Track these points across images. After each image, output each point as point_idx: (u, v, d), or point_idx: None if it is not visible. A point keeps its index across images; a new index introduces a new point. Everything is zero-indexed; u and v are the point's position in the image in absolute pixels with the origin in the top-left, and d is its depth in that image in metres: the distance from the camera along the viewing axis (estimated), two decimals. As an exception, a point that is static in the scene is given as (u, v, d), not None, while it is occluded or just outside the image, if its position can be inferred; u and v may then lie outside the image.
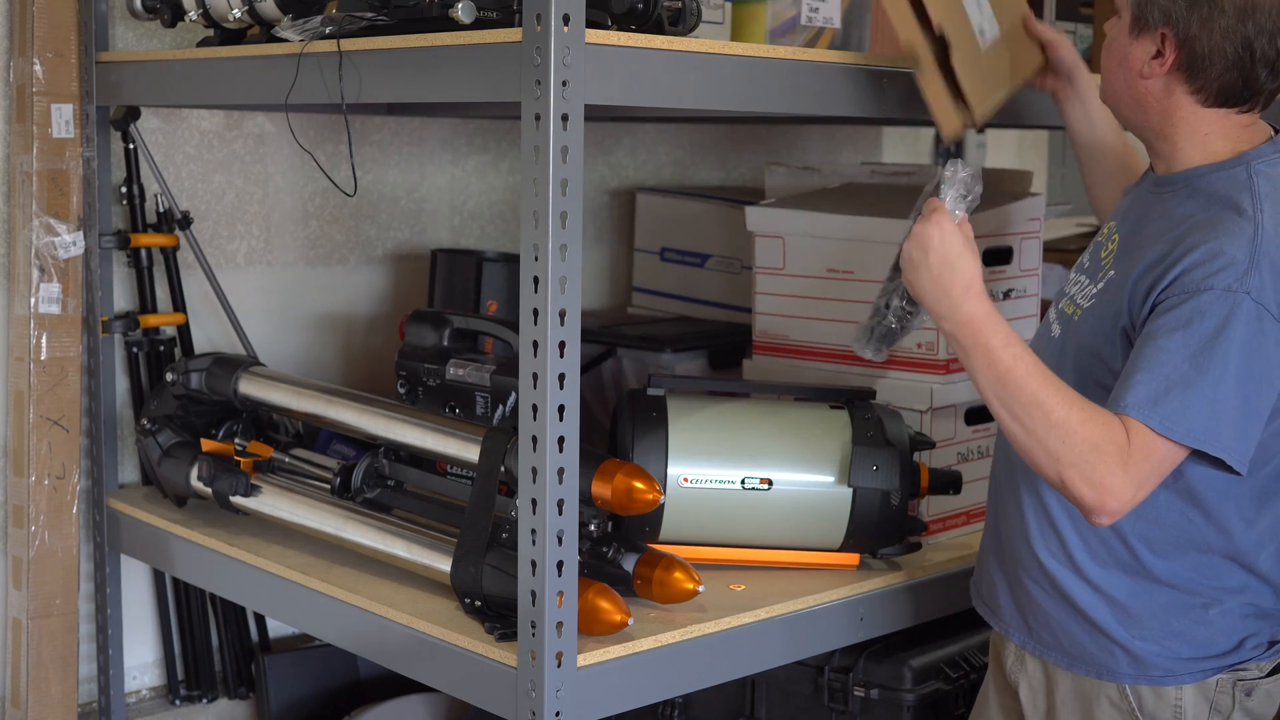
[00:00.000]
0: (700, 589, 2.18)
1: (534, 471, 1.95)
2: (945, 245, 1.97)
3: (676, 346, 2.99)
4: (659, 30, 2.16)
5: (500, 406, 2.36)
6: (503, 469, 2.18)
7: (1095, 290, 2.04)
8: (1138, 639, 2.02)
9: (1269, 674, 2.05)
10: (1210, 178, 1.98)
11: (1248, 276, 1.84)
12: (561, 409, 1.93)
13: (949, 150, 4.29)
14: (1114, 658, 2.03)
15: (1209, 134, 1.99)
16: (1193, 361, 1.82)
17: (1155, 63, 1.97)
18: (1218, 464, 1.87)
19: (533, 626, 1.98)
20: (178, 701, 3.06)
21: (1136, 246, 1.99)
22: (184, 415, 2.74)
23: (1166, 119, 2.00)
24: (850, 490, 2.36)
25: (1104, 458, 1.83)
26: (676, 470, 2.35)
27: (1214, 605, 2.01)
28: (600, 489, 2.11)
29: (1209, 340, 1.83)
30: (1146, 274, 1.92)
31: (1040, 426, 1.86)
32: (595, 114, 2.93)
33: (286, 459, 2.64)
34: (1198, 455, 1.87)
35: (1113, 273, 2.02)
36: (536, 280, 1.91)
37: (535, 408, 1.94)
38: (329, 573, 2.41)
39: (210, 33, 2.54)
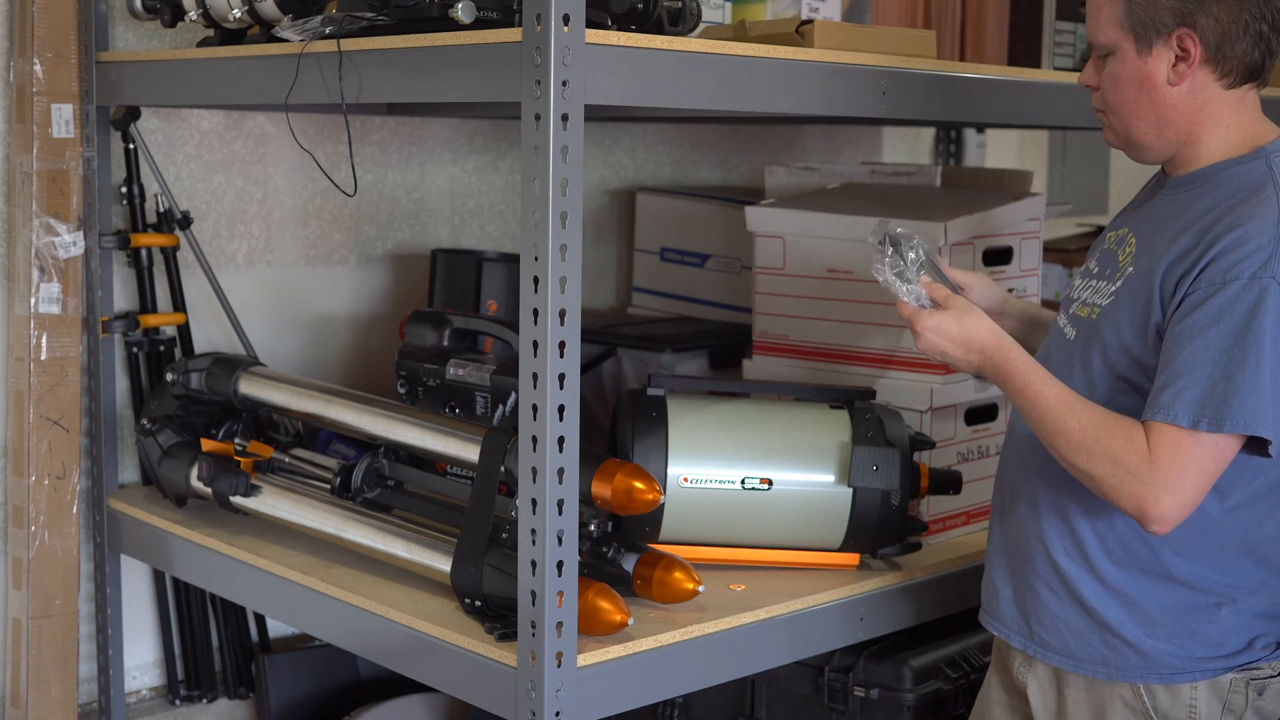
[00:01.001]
0: (700, 589, 2.18)
1: (534, 471, 1.95)
2: (944, 337, 2.09)
3: (676, 346, 2.99)
4: (659, 30, 2.16)
5: (500, 406, 2.36)
6: (503, 469, 2.18)
7: (1114, 289, 2.04)
8: (1150, 638, 2.02)
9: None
10: (1230, 172, 1.99)
11: (1272, 262, 1.86)
12: (561, 409, 1.93)
13: (946, 151, 4.29)
14: (1125, 658, 2.03)
15: (1230, 124, 2.00)
16: (1229, 355, 1.85)
17: (1181, 67, 1.97)
18: (1247, 449, 1.90)
19: (533, 626, 1.98)
20: (178, 701, 3.06)
21: (1158, 243, 1.99)
22: (184, 415, 2.74)
23: (1194, 118, 2.00)
24: (850, 490, 2.36)
25: (1126, 470, 1.88)
26: (676, 470, 2.35)
27: (1227, 604, 2.01)
28: (600, 489, 2.11)
29: (1240, 331, 1.85)
30: (1175, 266, 1.93)
31: (1067, 451, 1.94)
32: (595, 114, 2.93)
33: (286, 459, 2.64)
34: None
35: (1131, 269, 2.02)
36: (536, 280, 1.91)
37: (535, 408, 1.94)
38: (329, 573, 2.41)
39: (210, 33, 2.54)
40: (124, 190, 2.92)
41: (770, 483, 2.36)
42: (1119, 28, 1.98)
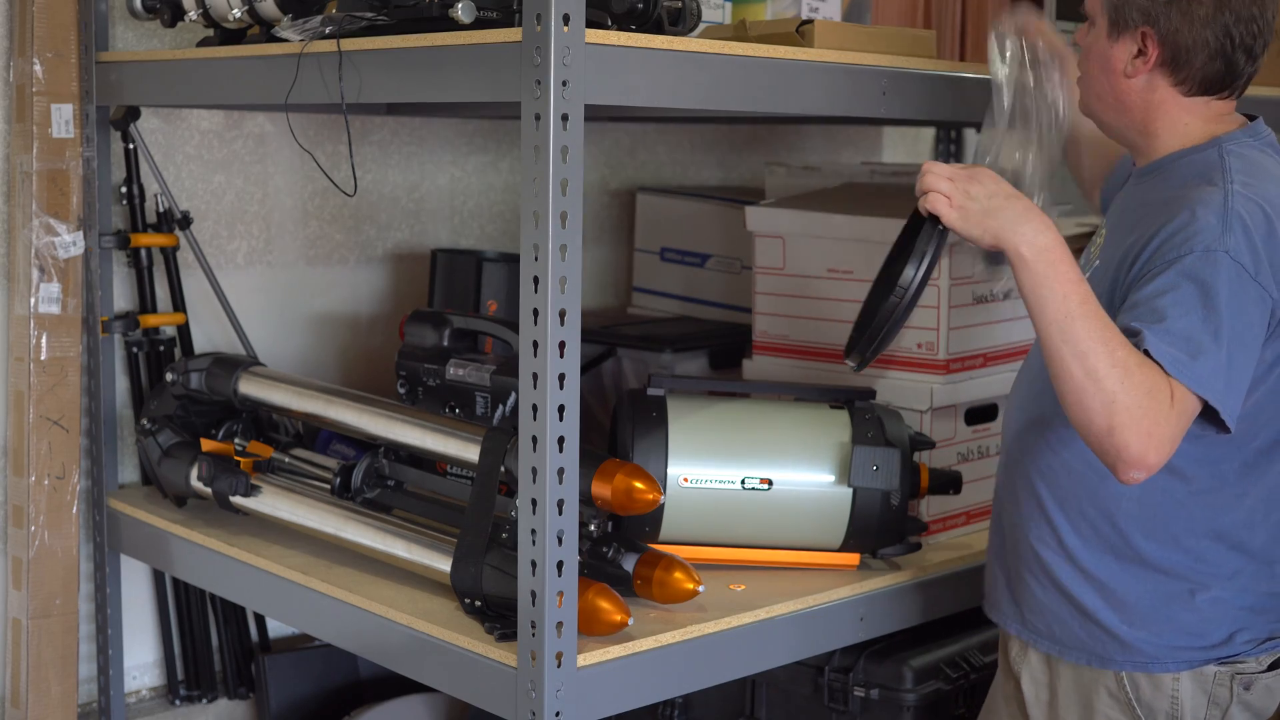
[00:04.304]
0: (700, 589, 2.18)
1: (534, 471, 1.95)
2: (1008, 186, 1.94)
3: (676, 346, 2.99)
4: (659, 30, 2.16)
5: (500, 406, 2.36)
6: (503, 469, 2.18)
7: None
8: (1126, 624, 2.04)
9: (1268, 669, 2.07)
10: (1184, 160, 2.03)
11: (1225, 236, 1.87)
12: (561, 409, 1.93)
13: (946, 151, 4.29)
14: (1105, 645, 2.06)
15: (1189, 122, 2.04)
16: (1188, 318, 1.83)
17: (1138, 61, 2.01)
18: (1206, 424, 1.89)
19: (533, 626, 1.98)
20: (178, 701, 3.06)
21: (1121, 235, 2.04)
22: (184, 415, 2.74)
23: (1149, 114, 2.05)
24: (850, 490, 2.36)
25: (1157, 404, 1.80)
26: (676, 470, 2.35)
27: (1201, 591, 2.03)
28: (600, 489, 2.11)
29: (1200, 297, 1.85)
30: (1130, 251, 1.96)
31: (1104, 364, 1.80)
32: (595, 114, 2.93)
33: (286, 459, 2.64)
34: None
35: (1098, 262, 2.07)
36: (536, 280, 1.91)
37: (535, 408, 1.94)
38: (329, 573, 2.41)
39: (210, 33, 2.54)
40: (124, 190, 2.92)
41: (770, 483, 2.36)
42: (1099, 4, 2.04)
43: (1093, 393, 1.81)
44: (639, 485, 2.11)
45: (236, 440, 2.67)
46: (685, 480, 2.35)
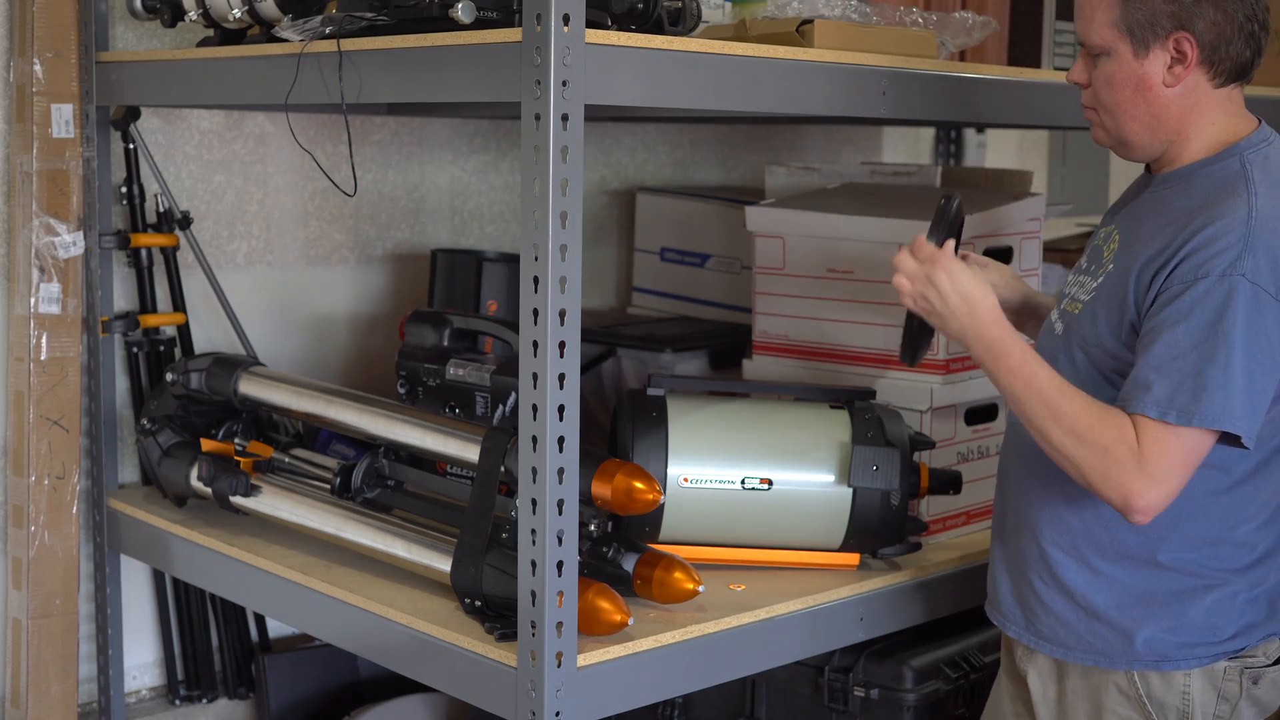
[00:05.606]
0: (700, 589, 2.18)
1: (534, 471, 1.95)
2: (960, 285, 2.05)
3: (676, 346, 2.99)
4: (659, 30, 2.16)
5: (500, 406, 2.36)
6: (503, 469, 2.18)
7: (1095, 284, 2.07)
8: (1138, 623, 2.04)
9: (1275, 662, 2.08)
10: (1205, 170, 2.02)
11: (1241, 260, 1.88)
12: (561, 409, 1.93)
13: (946, 151, 4.29)
14: (1116, 646, 2.06)
15: (1216, 121, 2.03)
16: (1198, 350, 1.87)
17: (1178, 68, 1.99)
18: (1223, 441, 1.91)
19: (533, 626, 1.98)
20: (178, 701, 3.06)
21: (1136, 241, 2.03)
22: (184, 415, 2.74)
23: (1185, 118, 2.02)
24: (850, 490, 2.36)
25: (1115, 460, 1.89)
26: (676, 470, 2.35)
27: (1216, 588, 2.03)
28: (600, 489, 2.11)
29: (1211, 326, 1.87)
30: (1149, 265, 1.96)
31: (1056, 435, 1.94)
32: (595, 114, 2.93)
33: (286, 459, 2.64)
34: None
35: (1112, 266, 2.05)
36: (536, 280, 1.91)
37: (535, 408, 1.94)
38: (329, 573, 2.41)
39: (210, 33, 2.54)
40: (124, 190, 2.92)
41: (770, 483, 2.36)
42: (1114, 29, 2.00)
43: (1061, 460, 1.96)
44: (639, 485, 2.11)
45: (236, 440, 2.67)
46: (685, 480, 2.35)
